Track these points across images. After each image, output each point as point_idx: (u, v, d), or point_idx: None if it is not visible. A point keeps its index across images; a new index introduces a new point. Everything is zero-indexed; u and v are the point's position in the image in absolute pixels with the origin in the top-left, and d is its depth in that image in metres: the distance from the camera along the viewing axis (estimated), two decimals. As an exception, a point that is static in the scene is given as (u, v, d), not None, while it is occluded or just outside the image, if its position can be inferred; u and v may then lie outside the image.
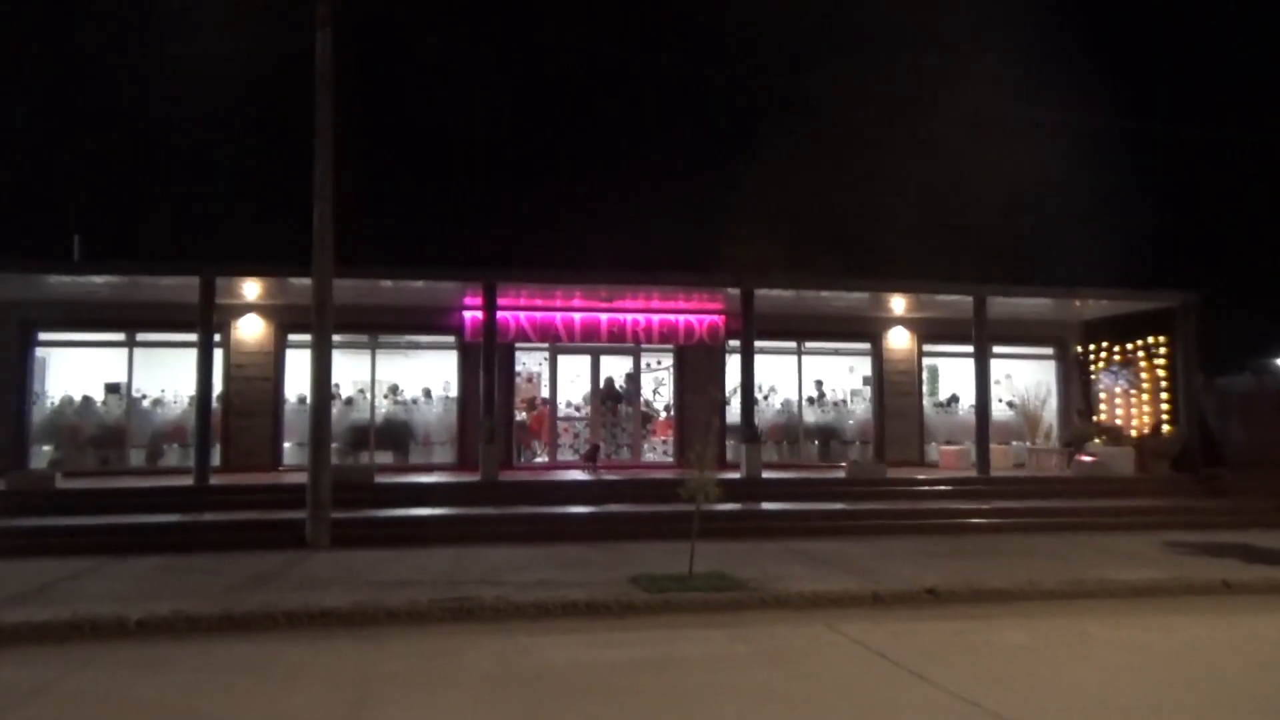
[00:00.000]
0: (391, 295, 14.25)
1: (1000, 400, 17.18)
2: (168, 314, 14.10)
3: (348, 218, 11.03)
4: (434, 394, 15.85)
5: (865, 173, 15.56)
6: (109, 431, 14.48)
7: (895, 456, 15.99)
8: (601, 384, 15.94)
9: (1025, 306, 15.52)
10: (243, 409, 14.60)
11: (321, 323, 10.36)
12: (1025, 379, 17.28)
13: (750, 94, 15.55)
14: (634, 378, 16.12)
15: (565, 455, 15.70)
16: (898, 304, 15.47)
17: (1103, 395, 16.51)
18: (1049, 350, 17.31)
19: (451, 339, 15.43)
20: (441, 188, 14.67)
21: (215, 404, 13.73)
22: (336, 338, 13.58)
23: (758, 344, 14.26)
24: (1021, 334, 16.73)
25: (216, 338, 13.54)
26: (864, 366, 16.96)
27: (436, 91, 14.92)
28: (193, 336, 12.73)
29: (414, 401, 15.59)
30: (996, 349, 16.21)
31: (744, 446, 13.62)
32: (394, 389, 15.71)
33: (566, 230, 14.30)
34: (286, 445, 14.85)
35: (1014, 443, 16.64)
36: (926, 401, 16.88)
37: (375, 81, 14.13)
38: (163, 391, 14.85)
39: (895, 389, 16.58)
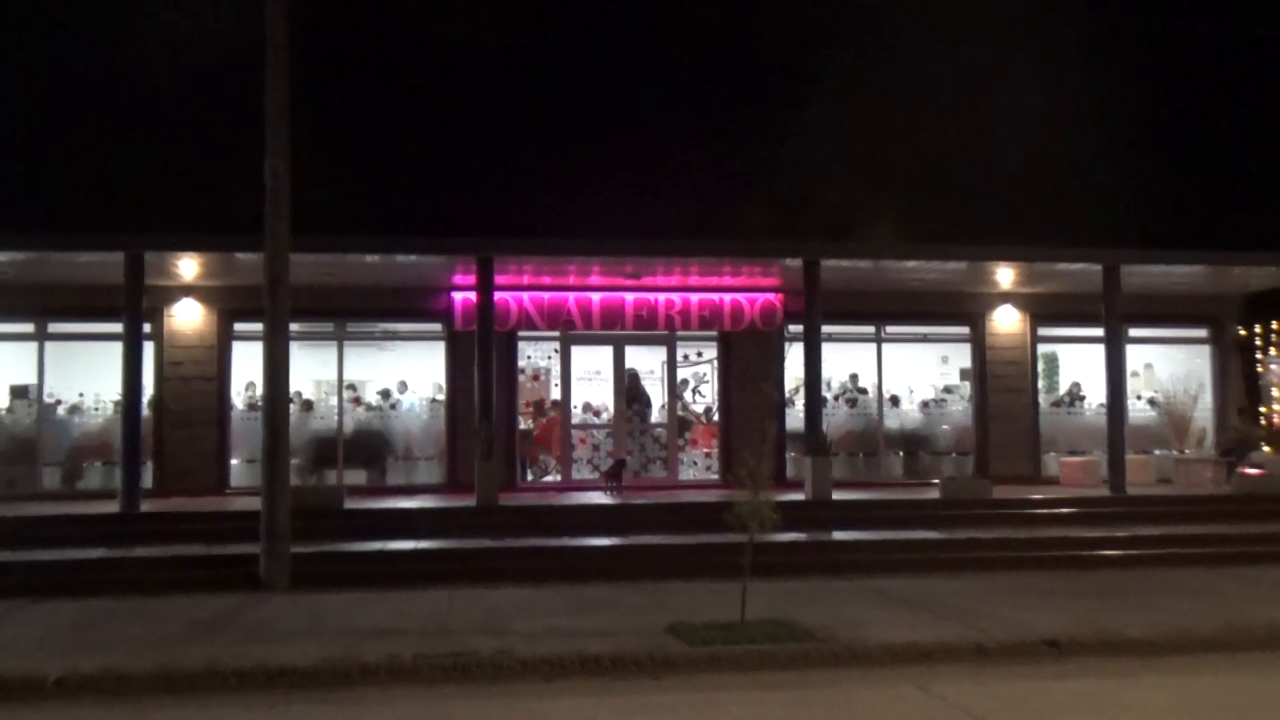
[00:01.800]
0: (363, 273, 14.37)
1: (1138, 397, 16.97)
2: (87, 299, 14.33)
3: (308, 176, 11.11)
4: (417, 396, 15.99)
5: (961, 110, 15.37)
6: (16, 446, 14.79)
7: (1002, 470, 15.88)
8: (627, 380, 16.01)
9: (1171, 276, 15.29)
10: (180, 417, 14.83)
11: (276, 308, 10.48)
12: (1170, 369, 17.07)
13: (812, 11, 15.41)
14: (669, 373, 16.15)
15: (582, 473, 15.78)
16: (1004, 275, 15.32)
17: (1275, 391, 16.25)
18: (1201, 332, 17.08)
19: (438, 327, 15.54)
20: (425, 138, 14.70)
21: (146, 411, 13.96)
22: (295, 326, 13.62)
23: (825, 329, 14.21)
24: (1165, 311, 16.52)
25: (147, 328, 13.75)
26: (961, 356, 16.85)
27: (418, 15, 14.96)
28: (118, 327, 12.89)
29: (392, 406, 15.74)
30: (1133, 331, 16.01)
31: (808, 460, 13.57)
32: (367, 391, 15.89)
33: (581, 189, 14.26)
34: (234, 462, 15.07)
35: (1156, 451, 16.47)
36: (1042, 400, 16.75)
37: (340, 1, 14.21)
38: (81, 396, 15.12)
39: (1002, 384, 16.46)
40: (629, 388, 16.08)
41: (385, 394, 15.77)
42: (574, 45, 15.39)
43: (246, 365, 14.65)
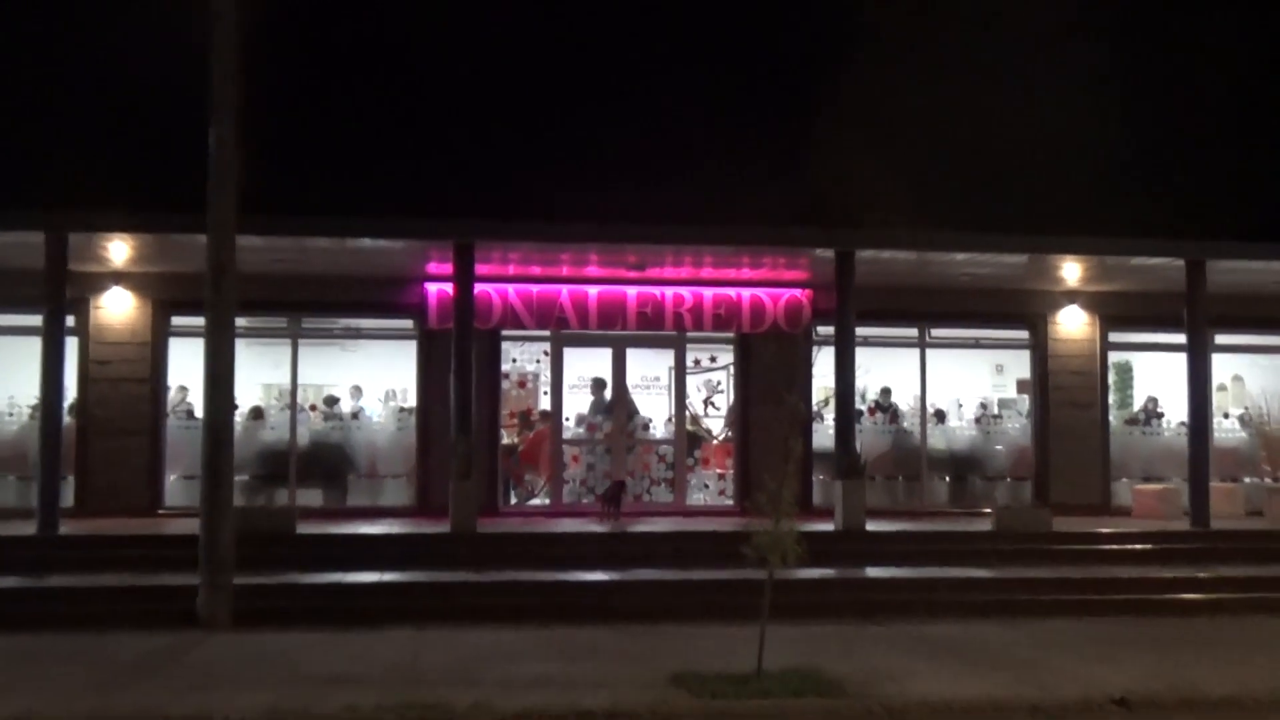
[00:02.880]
0: (323, 260, 14.39)
1: (1225, 415, 16.94)
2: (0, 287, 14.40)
3: (260, 148, 11.13)
4: (384, 404, 16.01)
5: (1023, 79, 15.36)
6: (-83, 458, 14.82)
7: (1065, 499, 15.84)
8: (604, 391, 15.99)
9: (1268, 274, 15.19)
10: (107, 424, 14.85)
11: (220, 299, 10.48)
12: (1263, 382, 17.03)
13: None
14: (677, 381, 16.17)
15: (575, 496, 15.77)
16: (1070, 271, 15.31)
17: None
18: (1301, 340, 17.08)
19: (409, 324, 15.57)
20: (395, 105, 14.71)
21: (68, 418, 13.94)
22: (243, 321, 13.64)
23: (860, 331, 14.20)
24: (1259, 315, 16.46)
25: (70, 321, 13.73)
26: (1018, 364, 16.86)
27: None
28: (36, 319, 12.89)
29: (354, 415, 15.76)
30: (1220, 338, 15.98)
31: (839, 484, 13.55)
32: (328, 398, 15.92)
33: (577, 165, 14.29)
34: (170, 478, 15.09)
35: (1246, 479, 16.43)
36: (1113, 417, 16.74)
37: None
38: (-7, 400, 15.18)
39: (1066, 398, 16.45)
40: (613, 399, 16.10)
41: (331, 401, 15.81)
42: (567, 8, 15.44)
43: (186, 365, 14.64)
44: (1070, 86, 15.29)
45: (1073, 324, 16.55)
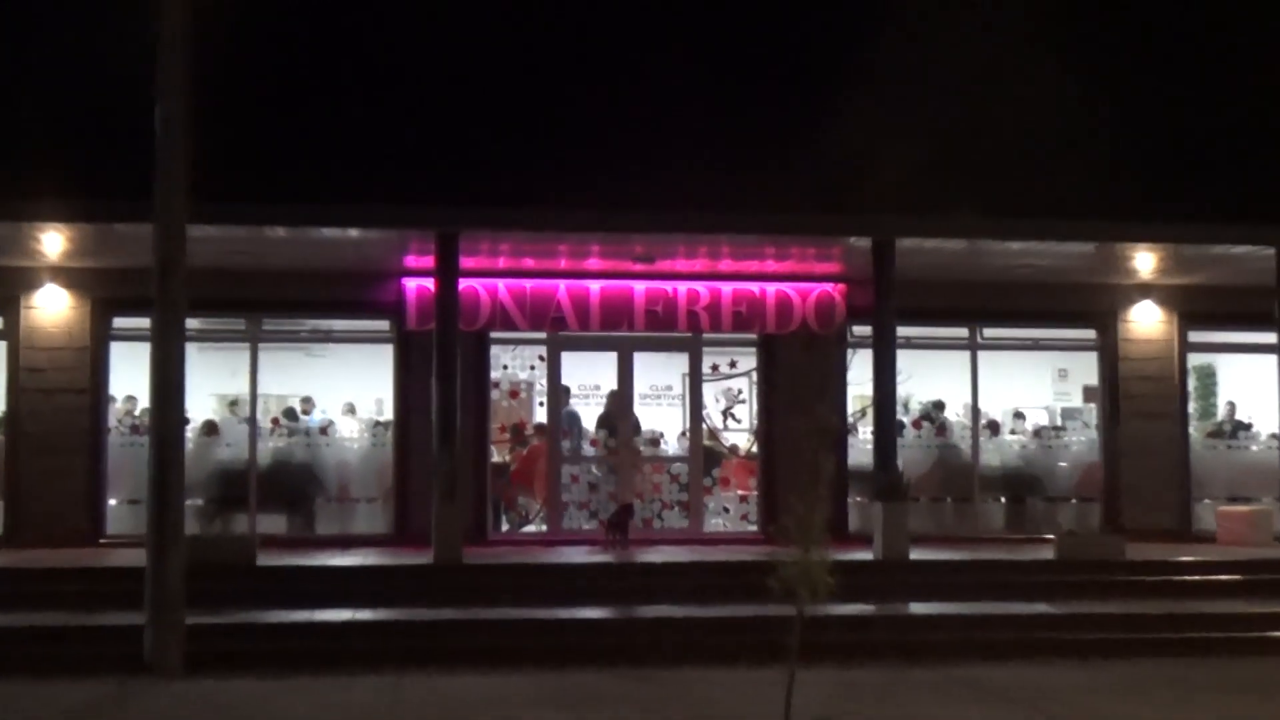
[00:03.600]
0: (286, 253, 14.42)
1: (1325, 426, 16.90)
2: (-81, 285, 14.46)
3: (214, 126, 11.12)
4: (356, 417, 16.03)
5: (1089, 45, 15.26)
6: None
7: (1139, 522, 15.78)
8: (605, 402, 16.03)
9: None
10: (41, 442, 14.89)
11: (169, 298, 10.50)
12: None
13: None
14: (692, 390, 16.15)
15: (575, 521, 15.79)
16: (1144, 261, 15.27)
17: None
18: None
19: (385, 325, 15.61)
20: (368, 76, 14.67)
21: (-4, 434, 14.01)
22: (195, 323, 13.66)
23: (902, 331, 14.18)
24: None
25: (-1, 324, 13.78)
26: (1084, 369, 16.85)
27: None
28: (-40, 322, 12.96)
29: (323, 430, 15.78)
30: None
31: (878, 507, 13.53)
32: (288, 410, 15.93)
33: (576, 144, 14.23)
34: (111, 503, 15.12)
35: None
36: (1193, 428, 16.70)
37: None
38: (-90, 413, 15.18)
39: (1139, 407, 16.42)
40: (607, 411, 16.12)
41: (293, 415, 15.86)
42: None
43: (130, 373, 14.66)
44: (1144, 50, 15.19)
45: (1147, 322, 16.52)
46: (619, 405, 16.07)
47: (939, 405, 16.64)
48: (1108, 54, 15.32)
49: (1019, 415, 16.82)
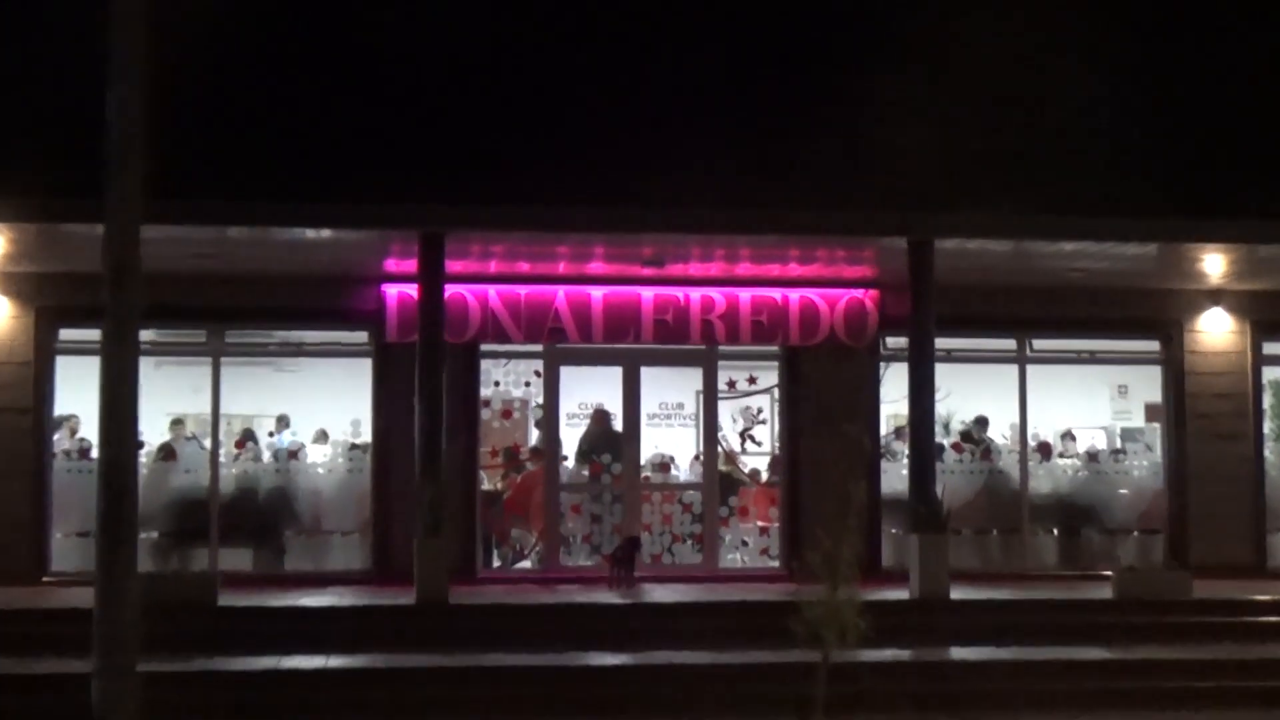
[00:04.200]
0: (253, 256, 14.45)
1: None
2: None
3: (174, 115, 11.13)
4: (330, 440, 16.06)
5: (1153, 20, 15.25)
6: None
7: (1209, 557, 15.75)
8: (609, 423, 16.07)
9: None
10: (-22, 468, 14.93)
11: (121, 306, 10.45)
12: None
13: None
14: (706, 409, 16.14)
15: (576, 557, 15.82)
16: (1213, 264, 15.25)
17: None
18: None
19: (362, 337, 15.64)
20: (345, 61, 14.67)
21: (-72, 459, 14.04)
22: (151, 335, 13.68)
23: (941, 343, 14.19)
24: None
25: (-69, 336, 13.81)
26: (1146, 385, 16.87)
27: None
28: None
29: (293, 454, 15.81)
30: None
31: (914, 540, 13.49)
32: (246, 431, 15.96)
33: (577, 135, 14.23)
34: (57, 536, 15.14)
35: None
36: (1269, 450, 16.70)
37: None
38: None
39: (1209, 427, 16.40)
40: (591, 433, 16.13)
41: (254, 436, 15.88)
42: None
43: (78, 391, 14.67)
44: (1210, 29, 15.18)
45: (1217, 332, 16.50)
46: (603, 426, 16.09)
47: (983, 425, 16.63)
48: (1172, 32, 15.30)
49: (1073, 437, 16.81)
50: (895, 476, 15.47)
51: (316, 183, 13.28)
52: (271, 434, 15.98)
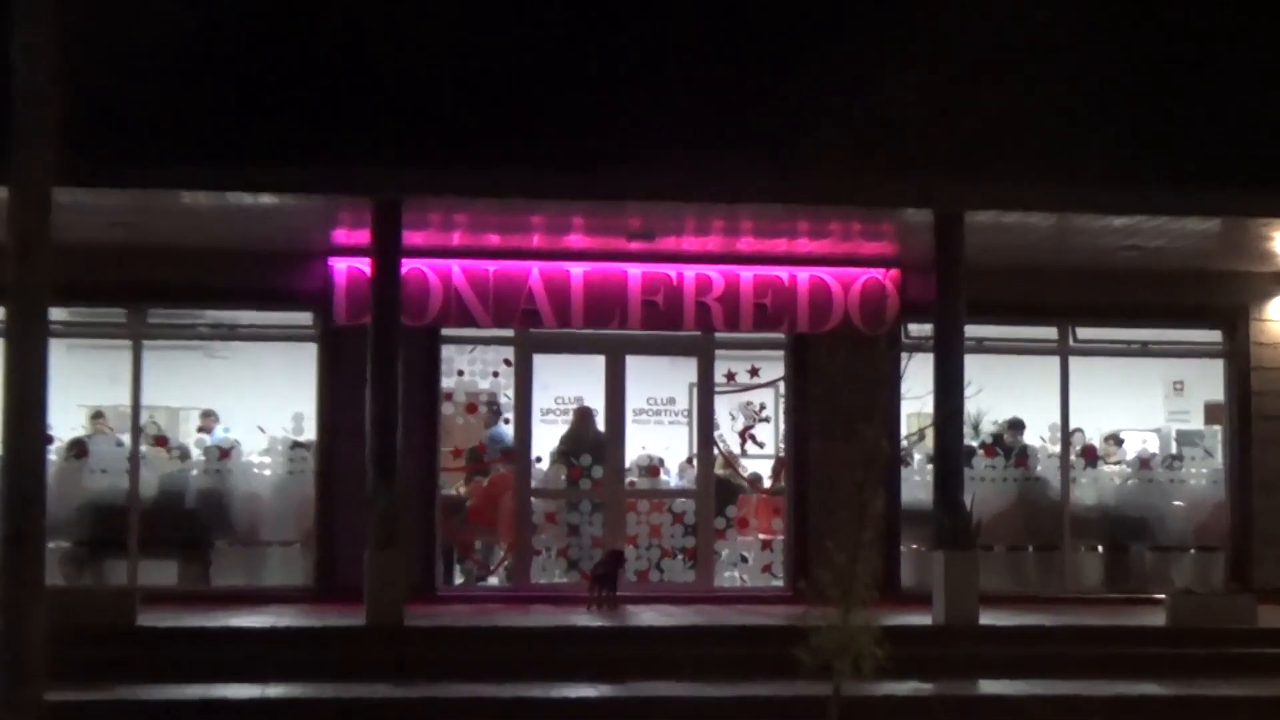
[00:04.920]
0: (181, 226, 14.45)
1: None
2: None
3: (91, 64, 11.07)
4: (269, 436, 16.08)
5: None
6: None
7: (1276, 579, 15.83)
8: (589, 421, 16.10)
9: None
10: None
11: (29, 284, 10.36)
12: None
13: None
14: (700, 405, 16.14)
15: (550, 573, 15.89)
16: (1284, 241, 15.32)
17: None
18: None
19: (306, 319, 15.69)
20: (293, 4, 14.64)
21: None
22: (63, 315, 13.69)
23: (972, 331, 14.24)
24: None
25: None
26: (1206, 381, 16.95)
27: None
28: None
29: (225, 453, 15.80)
30: None
31: (939, 557, 13.51)
32: (178, 428, 16.12)
33: (553, 89, 14.20)
34: (-48, 545, 15.13)
35: None
36: (1346, 458, 16.75)
37: None
38: None
39: (1278, 430, 16.52)
40: (572, 432, 16.19)
41: (173, 432, 15.88)
42: None
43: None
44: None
45: (1285, 320, 16.60)
46: (584, 425, 16.13)
47: (1018, 426, 16.70)
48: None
49: (1121, 440, 16.88)
50: (917, 485, 15.56)
51: (255, 142, 13.25)
52: (201, 429, 15.94)
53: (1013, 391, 16.53)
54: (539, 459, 16.11)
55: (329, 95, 13.75)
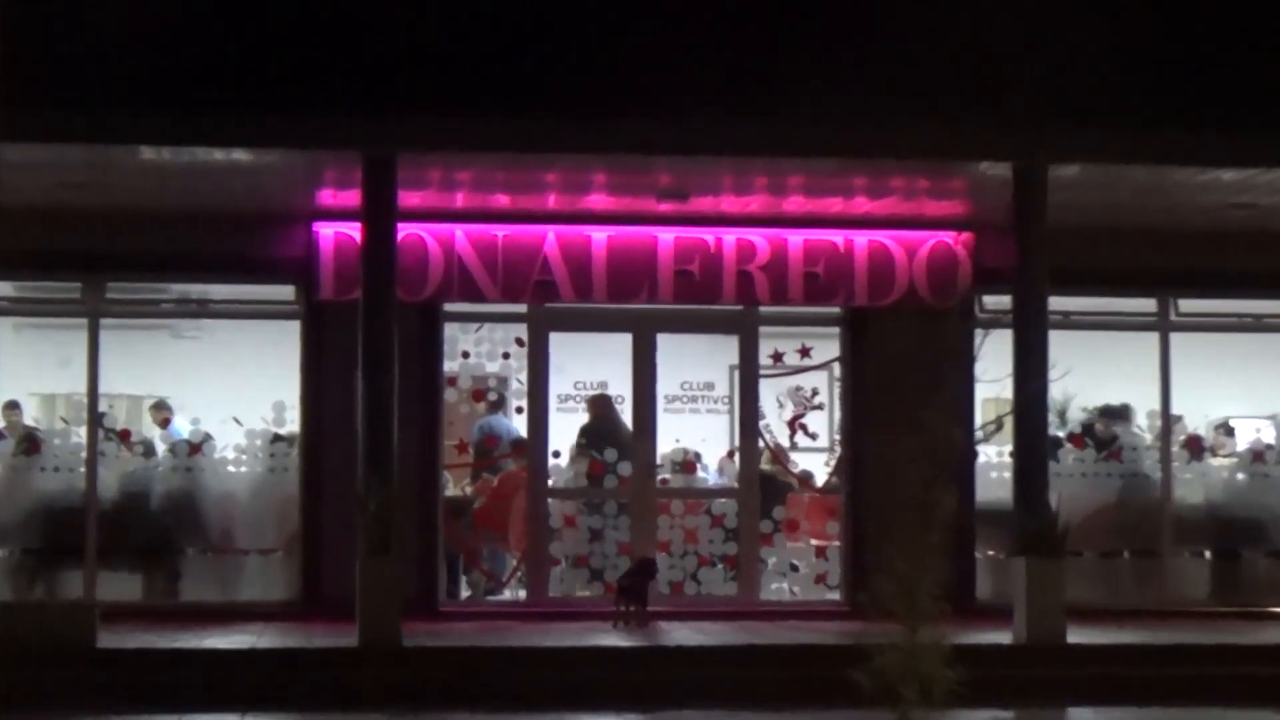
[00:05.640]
0: (145, 188, 14.45)
1: None
2: None
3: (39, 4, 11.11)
4: (245, 429, 16.05)
5: None
6: None
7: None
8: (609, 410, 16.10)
9: None
10: None
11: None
12: None
13: None
14: (742, 390, 16.14)
15: (569, 585, 15.95)
16: None
17: None
18: None
19: (287, 291, 15.75)
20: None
21: None
22: (6, 290, 13.72)
23: (1056, 303, 14.17)
24: None
25: None
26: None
27: None
28: None
29: (195, 448, 15.81)
30: None
31: (1020, 564, 13.47)
32: (142, 420, 16.12)
33: (568, 27, 14.19)
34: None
35: None
36: None
37: None
38: None
39: None
40: (591, 426, 16.22)
41: (137, 424, 15.82)
42: None
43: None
44: None
45: None
46: (604, 416, 16.14)
47: (1115, 414, 16.64)
48: None
49: (1230, 430, 16.81)
50: (993, 481, 15.52)
51: (227, 89, 13.23)
52: (167, 420, 15.94)
53: (1104, 373, 16.46)
54: (556, 454, 16.11)
55: (310, 33, 13.70)
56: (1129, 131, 13.76)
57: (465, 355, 16.16)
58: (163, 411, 16.05)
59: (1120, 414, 16.63)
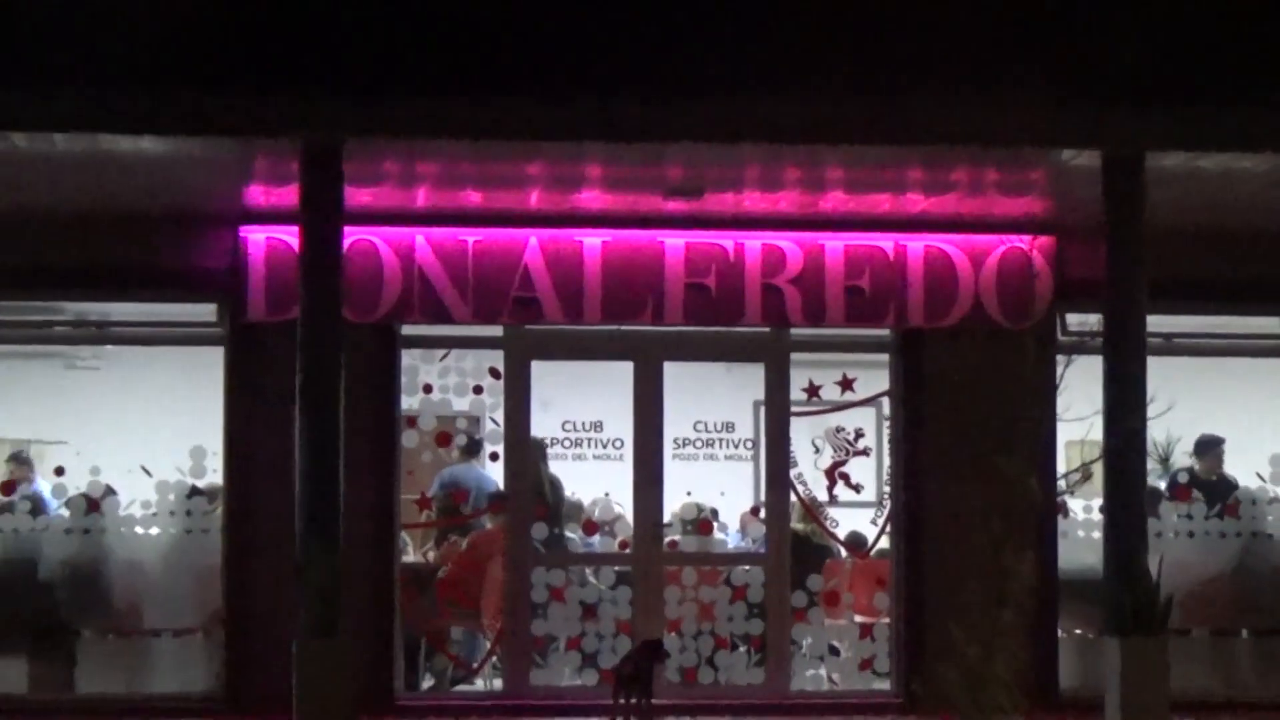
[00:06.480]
0: (34, 181, 14.43)
1: None
2: None
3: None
4: (154, 481, 15.99)
5: None
6: None
7: None
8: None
9: None
10: None
11: None
12: None
13: None
14: (771, 430, 16.12)
15: (558, 672, 15.97)
16: None
17: None
18: None
19: (208, 311, 15.77)
20: None
21: None
22: None
23: (1156, 324, 14.16)
24: None
25: None
26: None
27: None
28: None
29: (94, 505, 15.75)
30: None
31: (1114, 646, 13.42)
32: (28, 468, 16.18)
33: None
34: None
35: None
36: None
37: None
38: None
39: None
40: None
41: (22, 475, 16.07)
42: None
43: None
44: None
45: None
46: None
47: (1208, 446, 16.78)
48: None
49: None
50: (1080, 543, 15.51)
51: (133, 61, 13.20)
52: (59, 471, 15.88)
53: (1216, 410, 16.59)
54: (544, 505, 16.19)
55: (250, 13, 13.72)
56: (1242, 114, 13.72)
57: (428, 389, 16.16)
58: (22, 466, 16.00)
59: (1211, 446, 16.59)
